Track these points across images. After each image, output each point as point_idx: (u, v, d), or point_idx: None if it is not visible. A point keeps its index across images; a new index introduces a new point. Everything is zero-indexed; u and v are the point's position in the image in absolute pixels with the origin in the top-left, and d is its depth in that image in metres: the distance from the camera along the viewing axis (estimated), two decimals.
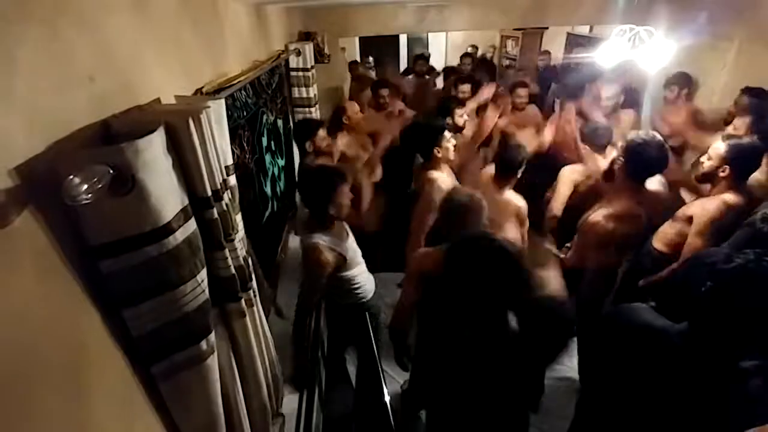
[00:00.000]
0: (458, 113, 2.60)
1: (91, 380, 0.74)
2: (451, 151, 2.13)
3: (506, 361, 1.16)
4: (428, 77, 5.11)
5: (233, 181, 1.41)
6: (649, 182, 1.84)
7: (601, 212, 1.83)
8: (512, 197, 2.07)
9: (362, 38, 5.95)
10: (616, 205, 1.80)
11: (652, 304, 1.16)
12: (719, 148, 1.73)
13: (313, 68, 2.93)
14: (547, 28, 5.82)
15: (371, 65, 5.56)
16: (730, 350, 0.95)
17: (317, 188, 1.69)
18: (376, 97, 3.27)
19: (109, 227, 0.72)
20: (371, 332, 1.95)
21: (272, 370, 1.51)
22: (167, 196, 0.81)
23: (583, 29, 5.10)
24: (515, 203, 2.05)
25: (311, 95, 2.99)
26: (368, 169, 2.45)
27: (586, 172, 2.35)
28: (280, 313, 1.99)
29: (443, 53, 7.51)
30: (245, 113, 1.76)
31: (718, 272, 0.92)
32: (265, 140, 2.06)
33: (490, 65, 5.18)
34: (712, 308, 0.94)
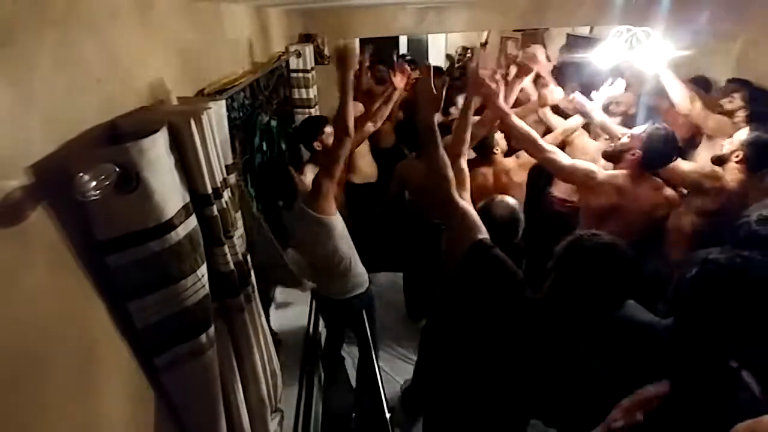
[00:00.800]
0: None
1: (100, 371, 0.77)
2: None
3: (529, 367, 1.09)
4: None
5: (233, 179, 1.45)
6: None
7: (681, 210, 1.88)
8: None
9: (362, 40, 5.97)
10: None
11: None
12: (742, 135, 1.80)
13: (313, 69, 2.97)
14: (547, 29, 5.83)
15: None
16: (716, 345, 0.96)
17: (306, 130, 2.10)
18: (373, 72, 3.61)
19: (115, 223, 0.76)
20: (368, 329, 1.99)
21: (270, 365, 1.54)
22: (170, 193, 0.85)
23: (583, 30, 5.11)
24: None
25: (311, 96, 3.02)
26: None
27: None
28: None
29: (443, 55, 7.54)
30: (242, 114, 1.79)
31: (700, 269, 0.94)
32: (257, 140, 2.09)
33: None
34: (695, 304, 0.96)
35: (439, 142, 1.28)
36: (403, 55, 5.28)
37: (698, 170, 1.92)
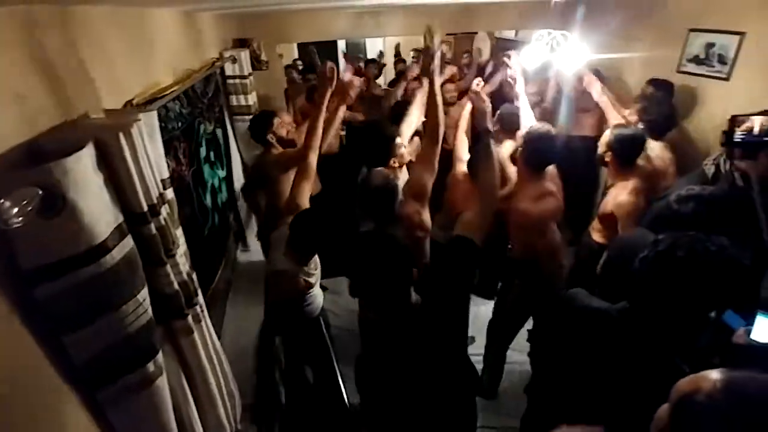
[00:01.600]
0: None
1: (34, 416, 0.70)
2: (406, 155, 2.05)
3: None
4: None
5: (171, 194, 1.37)
6: None
7: (526, 196, 1.90)
8: None
9: (300, 44, 5.89)
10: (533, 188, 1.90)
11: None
12: (606, 135, 1.97)
13: (250, 75, 2.88)
14: (476, 32, 6.15)
15: (300, 68, 5.52)
16: (668, 327, 0.96)
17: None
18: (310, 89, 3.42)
19: (42, 251, 0.69)
20: (328, 341, 1.96)
21: (227, 386, 1.48)
22: (101, 214, 0.79)
23: (509, 33, 5.45)
24: None
25: (250, 103, 2.93)
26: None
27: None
28: None
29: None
30: (180, 124, 1.70)
31: (648, 255, 0.97)
32: (203, 151, 1.99)
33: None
34: (645, 289, 0.98)
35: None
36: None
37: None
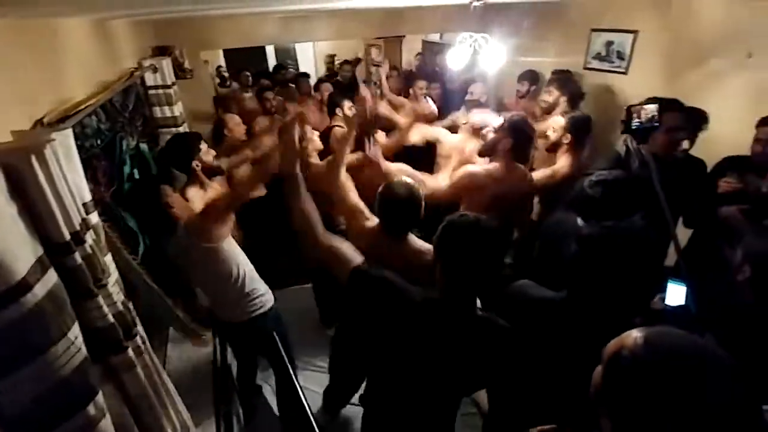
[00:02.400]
0: (347, 106, 2.70)
1: None
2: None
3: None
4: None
5: (95, 219, 1.26)
6: None
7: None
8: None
9: (227, 50, 5.65)
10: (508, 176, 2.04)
11: None
12: (560, 121, 2.17)
13: (174, 84, 2.70)
14: (404, 36, 6.32)
15: (224, 75, 5.34)
16: (608, 310, 1.00)
17: (179, 149, 1.91)
18: (263, 101, 3.31)
19: None
20: (280, 347, 1.89)
21: (179, 418, 1.38)
22: (17, 248, 0.71)
23: (434, 37, 5.67)
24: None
25: (176, 114, 2.75)
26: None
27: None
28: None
29: (313, 63, 7.58)
30: (99, 141, 1.55)
31: (581, 238, 1.04)
32: (127, 168, 1.84)
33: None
34: (580, 273, 1.04)
35: (301, 191, 1.26)
36: (279, 65, 5.05)
37: (543, 176, 2.26)
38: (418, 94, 3.50)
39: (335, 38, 5.60)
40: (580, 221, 1.52)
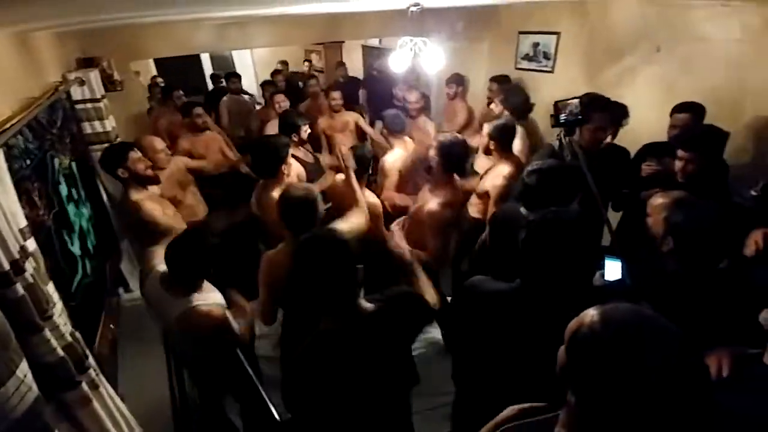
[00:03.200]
0: (304, 129, 2.67)
1: None
2: (292, 165, 2.23)
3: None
4: (247, 96, 4.96)
5: (33, 245, 1.16)
6: None
7: (434, 202, 2.03)
8: (370, 195, 2.20)
9: (160, 60, 5.33)
10: (441, 195, 2.04)
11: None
12: (486, 127, 2.34)
13: (104, 98, 2.52)
14: (343, 41, 6.34)
15: (162, 85, 5.03)
16: (559, 290, 1.05)
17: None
18: (191, 118, 3.02)
19: None
20: (246, 366, 1.83)
21: None
22: None
23: (374, 41, 5.75)
24: (373, 200, 2.20)
25: (108, 128, 2.57)
26: None
27: (405, 158, 2.72)
28: None
29: (252, 71, 7.38)
30: (28, 161, 1.41)
31: (528, 224, 1.10)
32: (64, 189, 1.69)
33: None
34: (530, 257, 1.09)
35: None
36: (232, 72, 4.79)
37: (475, 185, 2.42)
38: (332, 105, 3.49)
39: (274, 45, 5.49)
40: (523, 210, 1.65)
